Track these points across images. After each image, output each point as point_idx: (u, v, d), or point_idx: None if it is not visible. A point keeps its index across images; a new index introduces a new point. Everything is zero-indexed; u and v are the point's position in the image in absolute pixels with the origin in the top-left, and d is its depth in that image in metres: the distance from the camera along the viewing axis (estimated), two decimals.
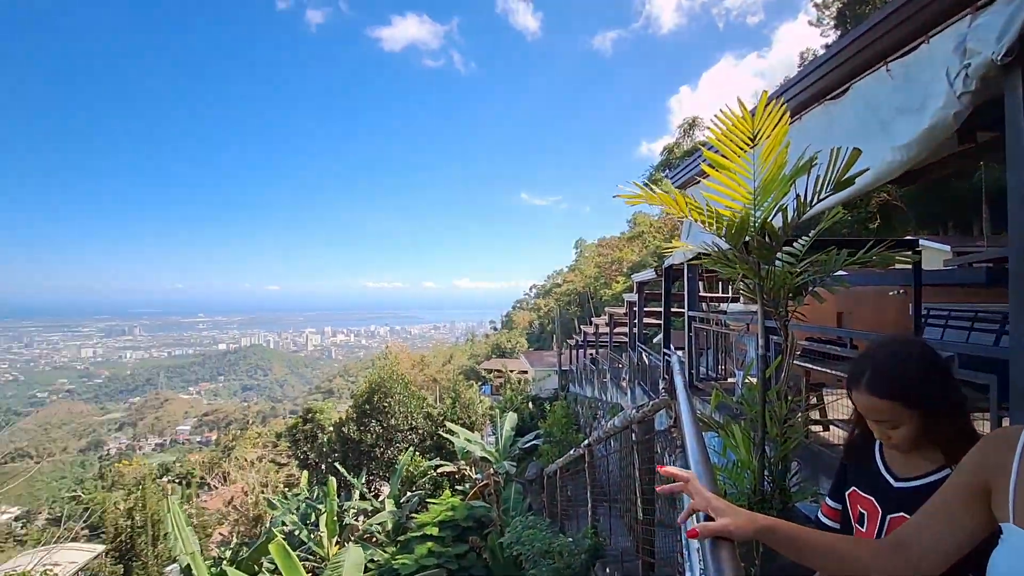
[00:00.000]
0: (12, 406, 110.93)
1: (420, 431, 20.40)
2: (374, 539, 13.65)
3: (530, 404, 22.80)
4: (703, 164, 2.14)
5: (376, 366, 32.67)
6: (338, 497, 15.60)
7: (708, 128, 2.40)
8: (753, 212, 1.91)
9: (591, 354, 20.15)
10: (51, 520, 34.51)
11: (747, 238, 1.93)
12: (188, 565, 9.33)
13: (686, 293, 6.65)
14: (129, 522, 27.34)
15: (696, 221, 2.00)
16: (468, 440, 15.77)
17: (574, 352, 22.98)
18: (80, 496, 38.13)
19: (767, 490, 2.02)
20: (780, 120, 1.80)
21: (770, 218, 1.91)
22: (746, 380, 4.26)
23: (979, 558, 0.82)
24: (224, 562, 10.68)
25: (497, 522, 11.43)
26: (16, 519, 35.60)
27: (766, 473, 2.01)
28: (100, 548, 24.94)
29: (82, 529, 28.37)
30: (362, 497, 16.53)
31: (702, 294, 9.88)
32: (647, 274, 10.96)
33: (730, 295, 10.97)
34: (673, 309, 8.53)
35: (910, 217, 17.37)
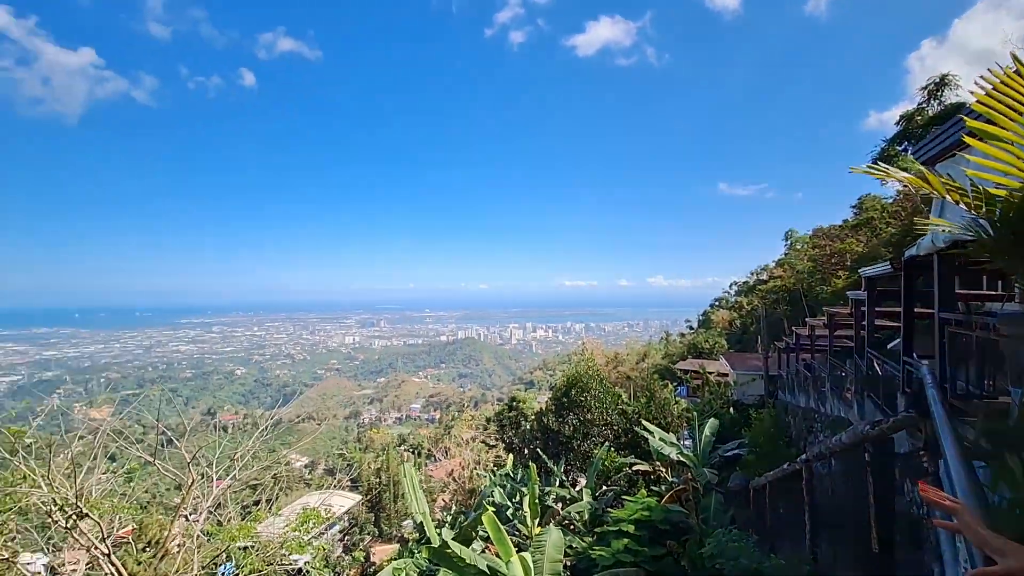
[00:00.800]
0: (302, 379, 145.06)
1: (615, 427, 20.43)
2: (571, 526, 14.16)
3: (731, 409, 20.96)
4: (963, 135, 1.72)
5: (573, 361, 33.71)
6: (539, 482, 16.61)
7: (968, 89, 1.88)
8: None
9: (805, 359, 17.55)
10: (327, 471, 44.26)
11: None
12: (420, 522, 11.05)
13: (936, 290, 5.33)
14: (377, 480, 33.44)
15: (956, 203, 1.63)
16: (663, 441, 15.24)
17: (783, 356, 20.31)
18: (345, 454, 48.09)
19: None
20: None
21: None
22: None
23: None
24: (445, 526, 12.31)
25: (696, 530, 10.83)
26: (305, 466, 46.48)
27: None
28: (358, 498, 31.01)
29: (346, 480, 35.69)
30: (560, 485, 17.27)
31: (959, 291, 7.74)
32: (880, 268, 9.05)
33: (1004, 293, 8.32)
34: (916, 309, 6.93)
35: None
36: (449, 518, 16.32)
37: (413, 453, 47.38)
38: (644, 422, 17.15)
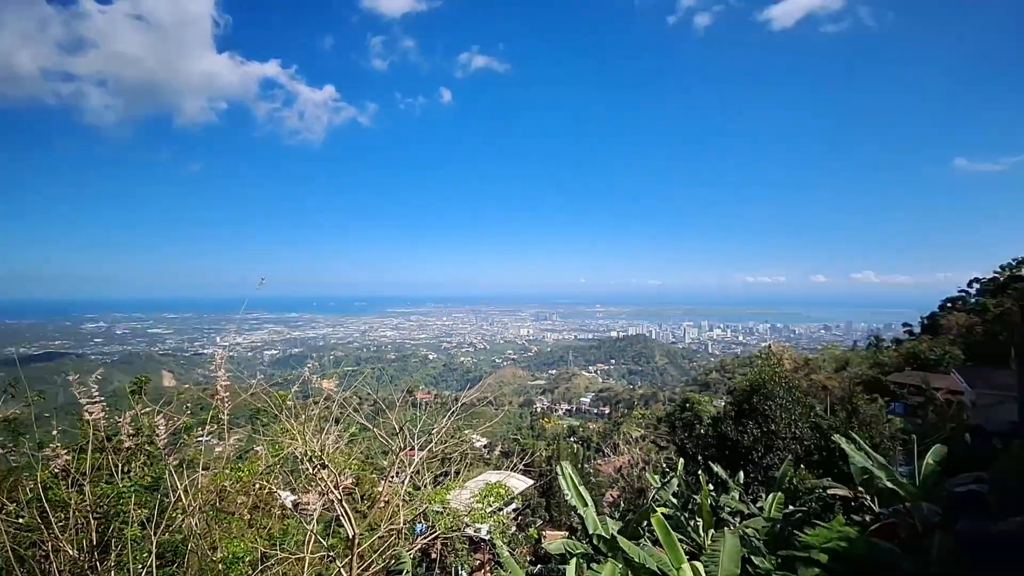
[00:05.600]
0: (482, 367, 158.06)
1: (805, 442, 18.32)
2: (750, 543, 13.27)
3: (967, 436, 17.17)
4: None
5: (755, 364, 30.88)
6: (713, 491, 15.83)
7: None
8: None
9: None
10: (503, 453, 47.78)
11: None
12: (582, 515, 11.52)
13: None
14: (549, 467, 35.05)
15: None
16: (871, 463, 13.26)
17: None
18: (519, 439, 51.31)
19: None
20: None
21: None
22: None
23: None
24: (611, 519, 12.57)
25: (909, 573, 9.35)
26: (484, 447, 50.81)
27: None
28: (531, 481, 32.98)
29: (520, 464, 38.00)
30: (738, 497, 16.22)
31: None
32: None
33: None
34: None
35: None
36: (616, 514, 16.54)
37: (582, 445, 48.38)
38: (843, 438, 15.14)
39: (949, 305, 47.01)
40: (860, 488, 14.26)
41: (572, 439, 51.48)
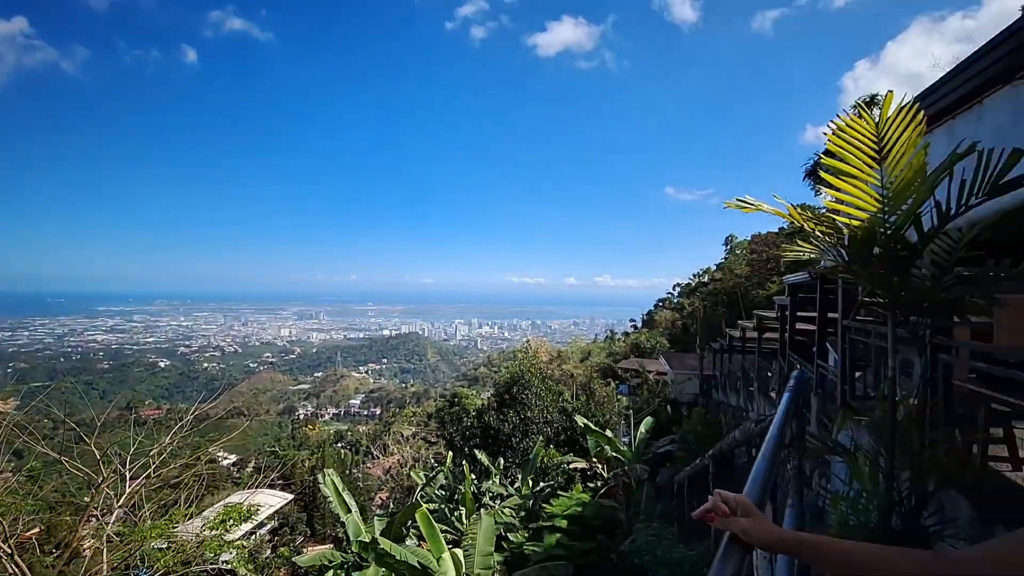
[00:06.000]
0: (231, 373, 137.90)
1: (555, 425, 20.83)
2: (508, 522, 14.36)
3: (668, 408, 21.90)
4: (821, 172, 1.96)
5: (517, 358, 34.00)
6: (476, 479, 16.68)
7: (822, 131, 2.10)
8: (884, 220, 1.71)
9: (737, 359, 18.66)
10: (256, 468, 42.32)
11: (876, 250, 1.74)
12: (345, 522, 10.87)
13: (840, 299, 5.87)
14: (312, 479, 32.33)
15: (812, 231, 1.86)
16: (600, 438, 15.74)
17: (718, 356, 21.49)
18: (277, 451, 46.16)
19: (896, 526, 1.79)
20: (913, 121, 1.58)
21: (903, 227, 1.69)
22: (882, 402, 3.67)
23: None
24: (376, 521, 12.14)
25: (626, 524, 11.29)
26: (233, 464, 44.27)
27: (896, 509, 1.78)
28: (290, 496, 29.93)
29: (277, 479, 34.31)
30: (498, 481, 17.45)
31: (869, 299, 8.54)
32: (799, 276, 9.82)
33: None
34: (830, 316, 7.59)
35: None
36: (382, 515, 16.11)
37: (351, 450, 46.18)
38: (580, 418, 17.63)
39: (660, 304, 59.80)
40: (595, 459, 16.87)
41: (340, 444, 48.68)
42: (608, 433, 17.03)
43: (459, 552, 7.98)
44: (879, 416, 2.00)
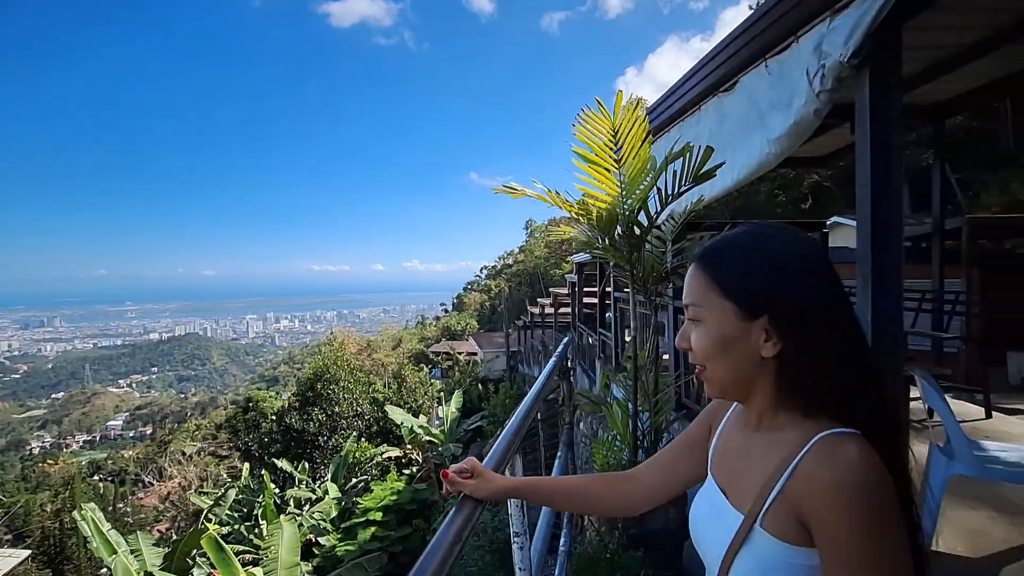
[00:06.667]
0: None
1: (367, 417, 20.17)
2: (319, 527, 13.52)
3: (479, 386, 22.96)
4: (574, 159, 2.24)
5: (322, 352, 31.80)
6: (279, 488, 15.27)
7: (572, 123, 2.45)
8: (622, 204, 2.03)
9: (538, 334, 20.49)
10: None
11: (619, 228, 2.06)
12: (116, 566, 8.94)
13: (611, 275, 6.88)
14: (57, 524, 25.63)
15: (568, 212, 2.11)
16: (413, 424, 15.78)
17: (522, 333, 23.27)
18: (0, 499, 35.34)
19: (641, 459, 2.18)
20: (638, 120, 1.91)
21: (637, 210, 2.04)
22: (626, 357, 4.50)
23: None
24: (153, 556, 10.25)
25: (440, 504, 11.60)
26: None
27: (640, 444, 2.18)
28: (24, 553, 23.29)
29: (4, 534, 26.41)
30: (305, 486, 16.26)
31: (615, 272, 10.16)
32: (585, 255, 11.21)
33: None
34: (608, 289, 8.82)
35: (838, 198, 18.48)
36: (159, 547, 13.67)
37: (113, 482, 37.90)
38: (392, 407, 17.41)
39: (469, 287, 61.90)
40: (409, 446, 16.85)
41: (97, 477, 39.56)
42: (422, 418, 17.19)
43: (258, 572, 7.19)
44: (628, 370, 2.43)
